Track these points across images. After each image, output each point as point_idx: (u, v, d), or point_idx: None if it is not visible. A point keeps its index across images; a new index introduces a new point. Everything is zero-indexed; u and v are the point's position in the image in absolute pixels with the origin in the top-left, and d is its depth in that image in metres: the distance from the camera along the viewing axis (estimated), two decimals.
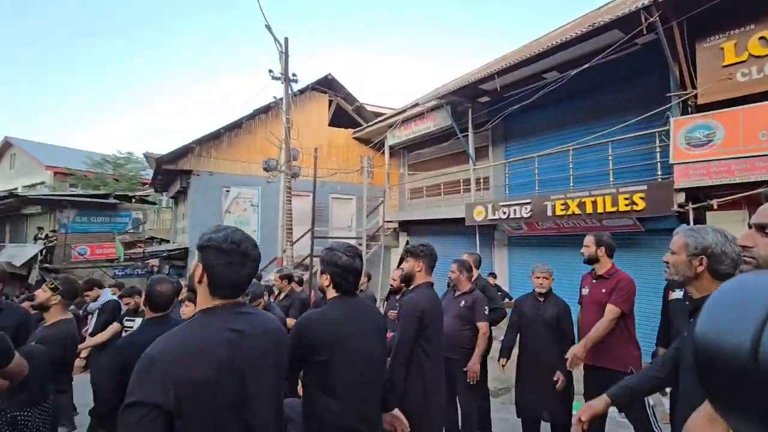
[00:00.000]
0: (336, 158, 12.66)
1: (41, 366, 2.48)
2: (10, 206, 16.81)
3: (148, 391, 1.09)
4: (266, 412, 1.30)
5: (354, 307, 1.90)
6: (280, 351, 1.42)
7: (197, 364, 1.15)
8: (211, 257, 1.29)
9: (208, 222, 10.58)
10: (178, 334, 1.23)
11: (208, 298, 1.30)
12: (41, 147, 23.69)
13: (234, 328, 1.26)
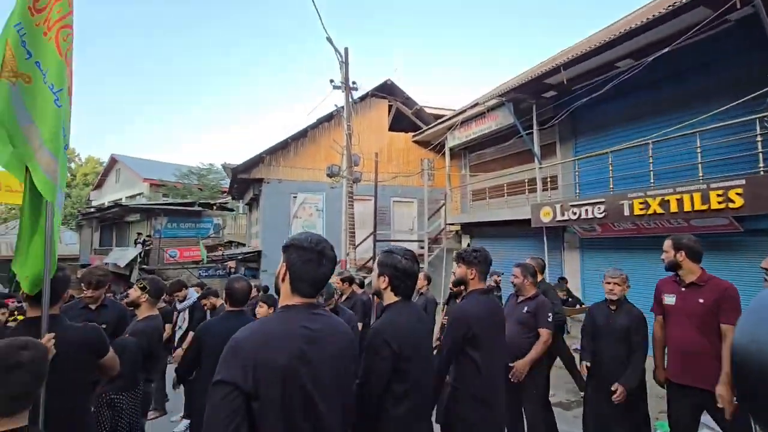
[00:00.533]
0: (396, 162, 12.78)
1: (132, 356, 2.82)
2: (115, 215, 19.30)
3: (230, 372, 1.21)
4: (333, 410, 1.36)
5: (413, 311, 1.91)
6: (349, 353, 1.49)
7: (274, 351, 1.26)
8: (293, 255, 1.42)
9: (278, 226, 11.31)
10: (261, 324, 1.38)
11: (289, 295, 1.43)
12: (139, 162, 26.88)
13: (308, 327, 1.36)
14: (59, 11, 2.02)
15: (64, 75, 2.05)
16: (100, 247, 21.73)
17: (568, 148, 8.66)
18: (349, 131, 8.76)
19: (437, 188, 12.58)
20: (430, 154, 12.62)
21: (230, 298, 2.75)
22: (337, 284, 5.10)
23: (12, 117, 1.99)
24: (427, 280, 5.74)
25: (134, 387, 2.93)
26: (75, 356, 2.08)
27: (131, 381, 2.88)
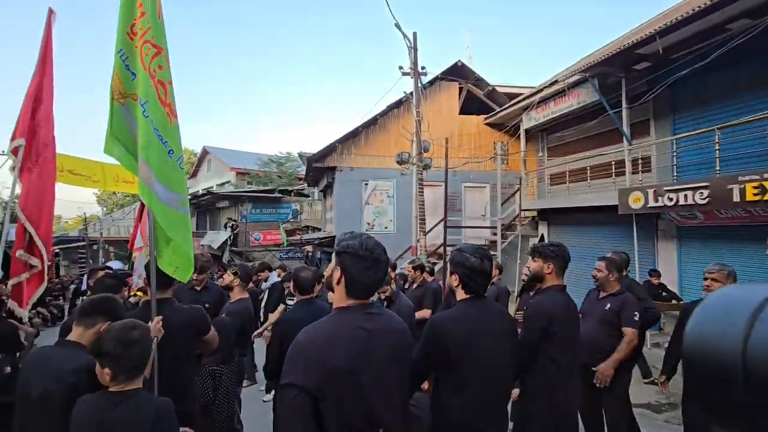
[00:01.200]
0: (468, 146, 12.43)
1: (229, 333, 3.18)
2: (208, 201, 21.41)
3: (296, 376, 1.32)
4: (391, 404, 1.45)
5: (483, 310, 1.91)
6: (404, 349, 1.55)
7: (333, 354, 1.35)
8: (348, 262, 1.46)
9: (351, 213, 11.72)
10: (321, 327, 1.46)
11: (343, 298, 1.49)
12: (227, 152, 29.33)
13: (364, 327, 1.43)
14: (141, 27, 2.26)
15: (149, 86, 2.24)
16: (196, 230, 24.31)
17: (665, 125, 7.74)
18: (418, 118, 8.70)
19: (511, 172, 12.06)
20: (504, 137, 12.08)
21: (298, 288, 2.88)
22: (408, 272, 5.19)
23: (126, 132, 2.32)
24: (499, 270, 5.61)
25: (231, 360, 3.31)
26: (182, 333, 2.42)
27: (228, 355, 3.26)
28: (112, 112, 2.31)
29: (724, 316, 0.47)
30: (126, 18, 2.27)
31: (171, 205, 2.35)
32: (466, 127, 12.65)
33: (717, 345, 0.45)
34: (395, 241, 11.40)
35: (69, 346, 1.91)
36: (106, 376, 1.57)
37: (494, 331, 1.87)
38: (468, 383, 1.78)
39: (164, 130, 2.32)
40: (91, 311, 1.94)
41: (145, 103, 2.22)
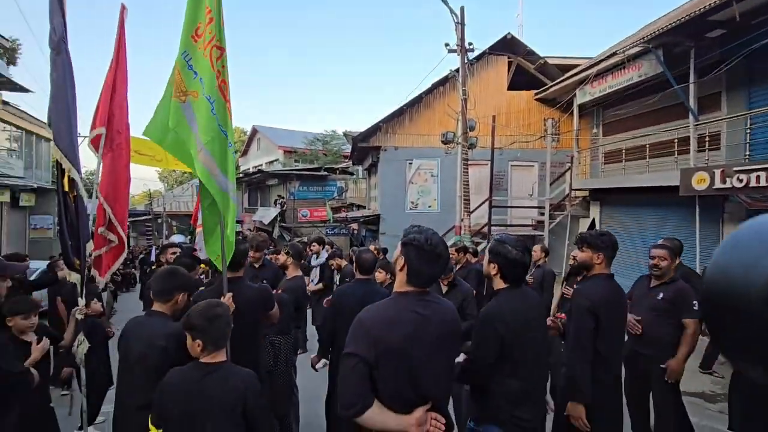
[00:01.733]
0: (516, 123, 12.01)
1: (286, 308, 3.47)
2: (258, 179, 22.39)
3: (358, 347, 1.52)
4: (436, 383, 1.61)
5: (524, 298, 2.00)
6: (453, 335, 1.69)
7: (390, 332, 1.53)
8: (412, 253, 1.60)
9: (395, 192, 11.86)
10: (380, 307, 1.64)
11: (403, 283, 1.65)
12: (275, 131, 30.23)
13: (419, 312, 1.59)
14: (210, 32, 2.45)
15: (215, 86, 2.45)
16: (248, 206, 25.62)
17: (739, 99, 7.07)
18: (464, 96, 8.52)
19: (562, 150, 11.56)
20: (555, 113, 11.55)
21: (359, 268, 3.12)
22: (452, 254, 5.27)
23: (186, 127, 2.55)
24: (545, 252, 5.54)
25: (288, 332, 3.63)
26: (251, 308, 2.72)
27: (285, 327, 3.57)
28: (171, 108, 2.52)
29: (759, 245, 0.44)
30: (191, 21, 2.47)
31: (229, 194, 2.61)
32: (515, 103, 12.19)
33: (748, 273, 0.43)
34: (438, 221, 11.44)
35: (156, 315, 2.24)
36: (197, 348, 1.82)
37: (535, 319, 1.97)
38: (518, 369, 1.89)
39: (226, 126, 2.56)
40: (166, 287, 2.26)
41: (213, 101, 2.44)
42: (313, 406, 3.27)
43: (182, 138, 2.54)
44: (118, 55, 3.44)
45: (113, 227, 3.43)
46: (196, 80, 2.52)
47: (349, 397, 1.48)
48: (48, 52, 2.94)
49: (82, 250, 3.08)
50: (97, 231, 3.39)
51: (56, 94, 2.86)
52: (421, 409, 1.52)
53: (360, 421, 1.49)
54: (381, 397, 1.52)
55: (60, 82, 2.84)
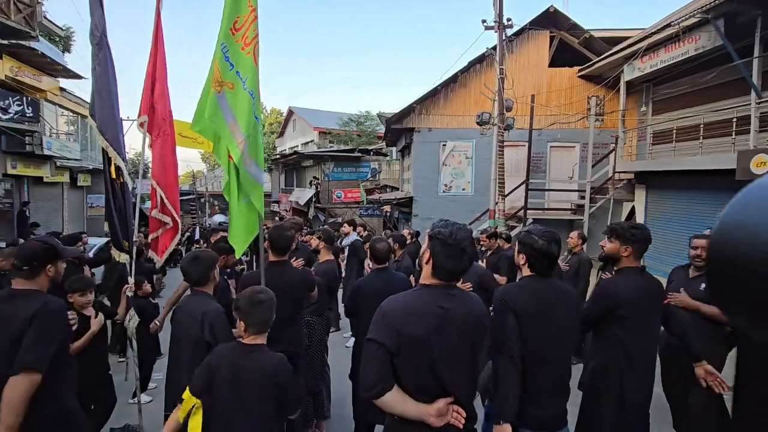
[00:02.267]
0: (557, 102, 11.47)
1: (320, 290, 3.61)
2: (294, 161, 22.82)
3: (380, 334, 1.58)
4: (458, 376, 1.63)
5: (548, 286, 1.99)
6: (478, 330, 1.70)
7: (412, 323, 1.58)
8: (437, 247, 1.64)
9: (428, 174, 11.77)
10: (404, 298, 1.69)
11: (429, 276, 1.69)
12: (310, 112, 30.49)
13: (442, 306, 1.62)
14: (254, 30, 2.54)
15: (256, 82, 2.60)
16: (285, 187, 26.26)
17: None
18: (501, 75, 8.21)
19: (606, 130, 10.96)
20: (600, 91, 10.89)
21: (374, 258, 3.11)
22: (483, 241, 5.23)
23: (221, 118, 2.65)
24: (582, 239, 5.38)
25: (322, 313, 3.78)
26: (294, 289, 2.92)
27: (320, 308, 3.73)
28: (209, 99, 2.64)
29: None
30: (231, 14, 2.55)
31: (258, 181, 2.73)
32: (556, 81, 11.61)
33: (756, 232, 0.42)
34: (472, 204, 11.29)
35: (198, 294, 2.47)
36: (241, 328, 1.98)
37: (557, 306, 1.95)
38: (535, 352, 1.90)
39: (260, 115, 2.69)
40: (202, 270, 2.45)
41: (255, 97, 2.58)
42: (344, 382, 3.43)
43: (215, 127, 2.67)
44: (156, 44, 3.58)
45: (167, 210, 3.67)
46: (233, 72, 2.62)
47: (369, 379, 1.55)
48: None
49: (130, 232, 3.32)
50: (151, 214, 3.65)
51: (100, 87, 3.05)
52: (442, 401, 1.56)
53: (379, 404, 1.56)
54: (405, 388, 1.58)
55: (103, 76, 3.02)
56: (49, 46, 14.66)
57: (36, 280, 2.03)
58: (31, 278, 2.02)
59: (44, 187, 15.05)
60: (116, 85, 3.15)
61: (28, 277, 2.01)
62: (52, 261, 2.08)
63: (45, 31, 15.10)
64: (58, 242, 2.24)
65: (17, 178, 13.19)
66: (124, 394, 3.96)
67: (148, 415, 3.55)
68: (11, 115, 11.47)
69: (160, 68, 3.65)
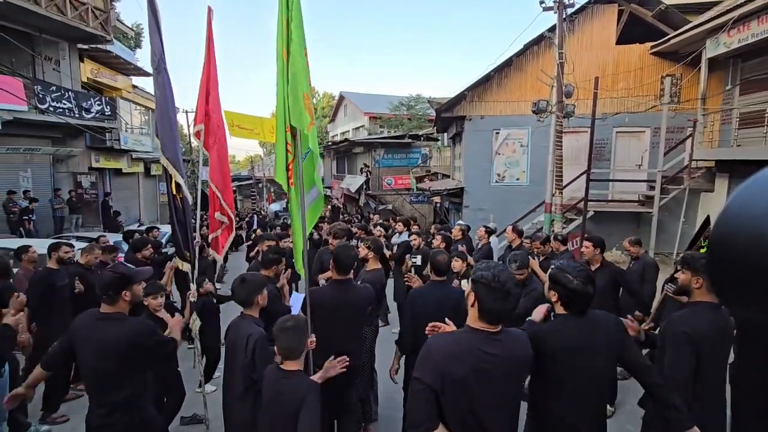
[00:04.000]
0: (625, 83, 10.48)
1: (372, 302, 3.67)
2: (345, 147, 23.09)
3: (425, 374, 1.64)
4: (499, 418, 1.68)
5: (582, 326, 1.88)
6: (521, 372, 1.74)
7: (456, 366, 1.61)
8: (482, 291, 1.65)
9: (480, 163, 11.38)
10: (448, 340, 1.74)
11: (475, 318, 1.70)
12: (361, 97, 30.53)
13: (486, 351, 1.64)
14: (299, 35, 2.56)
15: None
16: (336, 173, 26.76)
17: None
18: (560, 60, 7.61)
19: (683, 113, 9.89)
20: (677, 70, 9.79)
21: (434, 270, 3.14)
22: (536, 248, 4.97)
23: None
24: (638, 245, 5.01)
25: (372, 322, 3.87)
26: (358, 306, 3.04)
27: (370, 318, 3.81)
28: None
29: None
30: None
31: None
32: (624, 60, 10.58)
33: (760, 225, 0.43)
34: (527, 194, 10.79)
35: (245, 317, 2.64)
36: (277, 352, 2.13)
37: (591, 349, 1.84)
38: (560, 393, 1.86)
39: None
40: (242, 297, 2.61)
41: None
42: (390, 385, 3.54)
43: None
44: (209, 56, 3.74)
45: (224, 210, 3.93)
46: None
47: (415, 417, 1.62)
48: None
49: (191, 243, 3.56)
50: (213, 215, 3.92)
51: (161, 110, 3.24)
52: None
53: None
54: (448, 424, 1.63)
55: (162, 99, 3.20)
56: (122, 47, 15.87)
57: (117, 305, 2.28)
58: (111, 303, 2.26)
59: (122, 177, 16.58)
60: (174, 107, 3.34)
61: (109, 303, 2.26)
62: (126, 287, 2.31)
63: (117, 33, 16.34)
64: (129, 269, 2.47)
65: (100, 171, 14.63)
66: (193, 381, 4.30)
67: (212, 405, 3.84)
68: (93, 114, 12.63)
69: (213, 79, 3.82)
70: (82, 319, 2.29)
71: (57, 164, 12.84)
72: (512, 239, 5.34)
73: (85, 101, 12.45)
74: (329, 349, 3.01)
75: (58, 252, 4.21)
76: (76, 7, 12.03)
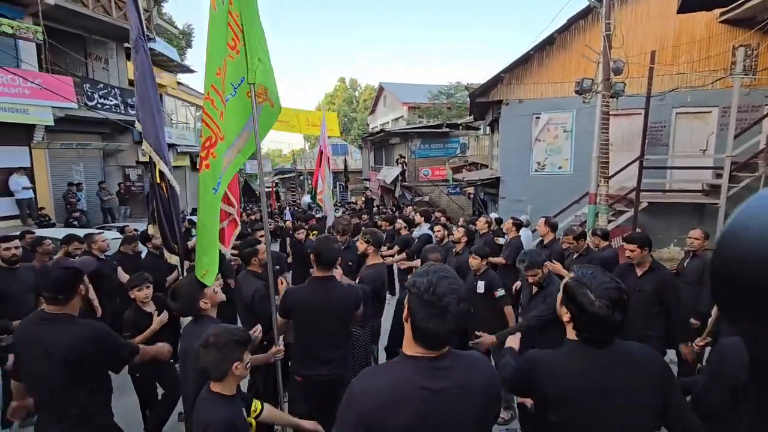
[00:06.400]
0: (687, 56, 9.22)
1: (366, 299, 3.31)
2: (381, 138, 22.77)
3: (343, 428, 1.21)
4: None
5: (605, 363, 1.36)
6: (486, 408, 1.27)
7: (388, 418, 1.17)
8: (414, 303, 1.23)
9: (518, 151, 10.59)
10: (377, 381, 1.27)
11: (411, 342, 1.27)
12: (400, 87, 30.01)
13: (428, 387, 1.20)
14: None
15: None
16: (374, 164, 26.54)
17: None
18: (607, 32, 6.73)
19: (759, 88, 8.55)
20: (752, 38, 8.45)
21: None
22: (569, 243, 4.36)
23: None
24: (706, 237, 4.23)
25: (366, 323, 3.50)
26: (343, 308, 2.70)
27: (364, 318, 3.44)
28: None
29: None
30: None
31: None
32: (687, 30, 9.30)
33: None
34: (570, 184, 9.90)
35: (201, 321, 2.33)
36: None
37: (618, 396, 1.32)
38: None
39: None
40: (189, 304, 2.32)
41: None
42: None
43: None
44: None
45: (230, 201, 3.72)
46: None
47: None
48: None
49: (178, 234, 3.37)
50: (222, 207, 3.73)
51: (140, 92, 3.04)
52: None
53: None
54: None
55: (141, 80, 2.99)
56: (165, 45, 16.48)
57: (69, 305, 2.08)
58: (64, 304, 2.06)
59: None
60: (155, 89, 3.12)
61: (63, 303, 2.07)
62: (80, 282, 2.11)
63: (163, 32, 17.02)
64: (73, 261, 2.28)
65: (146, 165, 15.36)
66: None
67: None
68: None
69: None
70: (25, 323, 2.10)
71: (107, 158, 13.60)
72: (544, 233, 4.71)
73: (130, 98, 13.02)
74: (310, 356, 2.69)
75: (69, 247, 4.21)
76: (120, 8, 12.57)
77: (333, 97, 52.71)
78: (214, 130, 2.34)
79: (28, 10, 10.31)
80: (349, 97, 52.10)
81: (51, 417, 2.04)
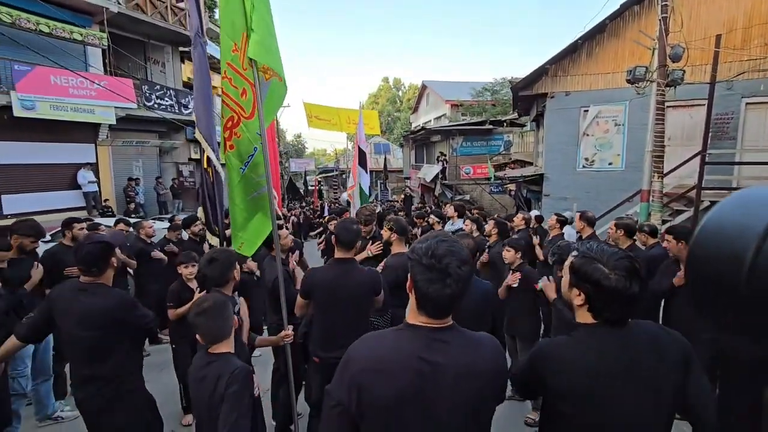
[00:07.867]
0: (759, 41, 8.32)
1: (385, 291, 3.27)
2: (422, 136, 22.58)
3: (336, 387, 1.20)
4: None
5: (621, 345, 1.25)
6: (486, 390, 1.20)
7: (379, 383, 1.15)
8: (415, 269, 1.20)
9: (564, 146, 10.10)
10: (375, 345, 1.24)
11: (415, 311, 1.24)
12: (443, 85, 29.63)
13: (426, 359, 1.16)
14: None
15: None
16: (415, 163, 26.40)
17: None
18: (664, 14, 6.20)
19: None
20: None
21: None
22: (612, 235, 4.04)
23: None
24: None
25: (385, 312, 3.45)
26: (362, 293, 2.70)
27: (384, 307, 3.40)
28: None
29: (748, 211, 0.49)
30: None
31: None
32: (758, 12, 8.38)
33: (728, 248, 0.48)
34: (622, 181, 9.28)
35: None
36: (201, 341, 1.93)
37: (636, 382, 1.22)
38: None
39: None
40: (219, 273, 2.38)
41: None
42: None
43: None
44: None
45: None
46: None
47: None
48: None
49: (221, 217, 3.53)
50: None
51: (196, 84, 3.22)
52: None
53: None
54: None
55: (198, 74, 3.16)
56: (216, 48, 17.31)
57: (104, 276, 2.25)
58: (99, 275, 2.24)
59: None
60: (209, 83, 3.29)
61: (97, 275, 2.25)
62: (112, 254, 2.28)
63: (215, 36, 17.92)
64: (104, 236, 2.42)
65: (197, 162, 16.26)
66: None
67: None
68: (191, 110, 14.02)
69: None
70: (61, 290, 2.26)
71: (162, 155, 14.54)
72: (581, 228, 4.45)
73: (183, 98, 13.83)
74: (328, 338, 2.71)
75: (72, 230, 4.10)
76: (175, 13, 13.40)
77: (377, 96, 53.09)
78: (236, 110, 2.39)
79: (95, 18, 11.25)
80: (392, 96, 52.27)
81: (84, 379, 2.22)
